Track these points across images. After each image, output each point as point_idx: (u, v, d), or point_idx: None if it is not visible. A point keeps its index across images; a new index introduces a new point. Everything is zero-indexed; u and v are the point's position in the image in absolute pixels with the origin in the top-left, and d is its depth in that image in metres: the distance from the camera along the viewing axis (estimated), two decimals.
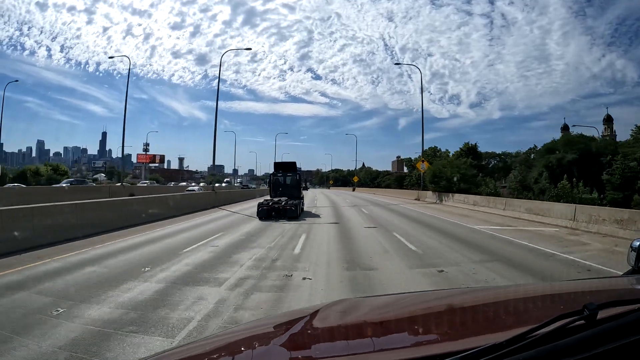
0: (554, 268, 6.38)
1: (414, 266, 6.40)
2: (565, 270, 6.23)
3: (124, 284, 5.14)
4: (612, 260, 6.87)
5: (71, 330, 3.55)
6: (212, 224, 12.77)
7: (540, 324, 0.69)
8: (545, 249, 8.12)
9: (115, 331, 3.55)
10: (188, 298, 4.59)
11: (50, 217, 8.76)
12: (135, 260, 6.70)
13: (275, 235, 9.91)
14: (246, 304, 4.43)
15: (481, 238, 9.75)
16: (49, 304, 4.25)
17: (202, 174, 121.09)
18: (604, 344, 0.66)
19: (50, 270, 5.90)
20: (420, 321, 1.13)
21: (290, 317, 1.21)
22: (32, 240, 7.68)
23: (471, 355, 0.66)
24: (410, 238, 9.35)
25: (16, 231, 7.50)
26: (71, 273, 5.76)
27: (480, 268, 6.20)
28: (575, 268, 6.36)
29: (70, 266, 6.20)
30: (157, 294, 4.73)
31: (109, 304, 4.32)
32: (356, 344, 0.98)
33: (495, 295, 1.42)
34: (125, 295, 4.64)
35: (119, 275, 5.64)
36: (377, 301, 1.50)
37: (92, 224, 9.75)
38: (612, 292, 1.27)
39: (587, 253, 7.66)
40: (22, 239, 7.50)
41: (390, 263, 6.65)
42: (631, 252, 1.50)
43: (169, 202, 16.70)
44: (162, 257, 6.99)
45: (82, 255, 7.09)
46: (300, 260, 6.82)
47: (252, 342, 1.04)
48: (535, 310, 1.21)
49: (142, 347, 3.24)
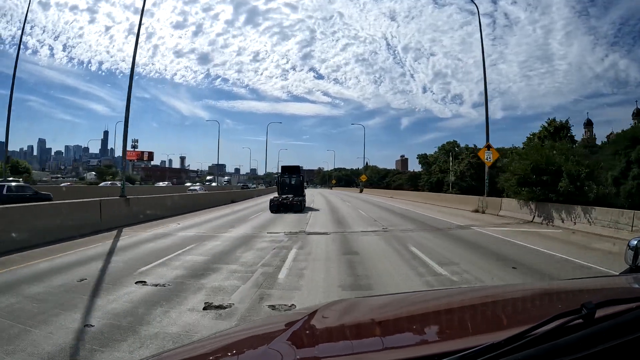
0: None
1: None
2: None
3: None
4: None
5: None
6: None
7: (539, 323, 0.69)
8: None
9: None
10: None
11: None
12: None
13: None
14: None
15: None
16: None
17: (199, 173, 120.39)
18: (602, 343, 0.66)
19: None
20: (419, 321, 1.13)
21: (289, 318, 1.21)
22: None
23: (469, 354, 0.66)
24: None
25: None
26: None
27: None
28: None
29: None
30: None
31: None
32: (355, 344, 0.98)
33: (493, 294, 1.42)
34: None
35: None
36: (375, 301, 1.51)
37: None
38: (609, 291, 1.28)
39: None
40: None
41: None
42: (629, 251, 1.51)
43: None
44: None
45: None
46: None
47: (251, 343, 1.05)
48: (533, 309, 1.21)
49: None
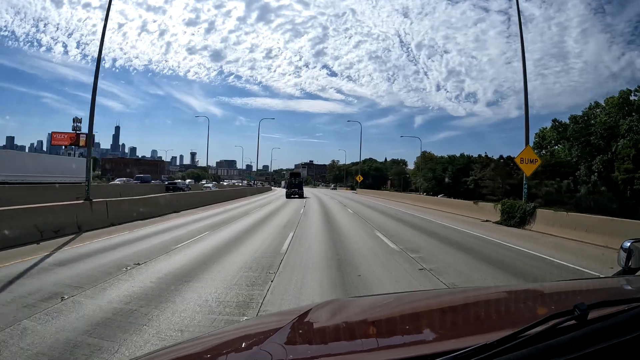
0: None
1: None
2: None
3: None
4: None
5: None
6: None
7: (532, 324, 0.68)
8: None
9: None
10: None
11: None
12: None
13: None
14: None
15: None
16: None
17: (182, 168, 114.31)
18: (594, 344, 0.66)
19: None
20: (412, 321, 1.13)
21: (281, 317, 1.20)
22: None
23: (462, 355, 0.65)
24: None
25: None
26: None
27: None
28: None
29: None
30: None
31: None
32: (347, 344, 0.98)
33: (485, 295, 1.43)
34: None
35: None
36: (368, 301, 1.50)
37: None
38: (602, 293, 1.28)
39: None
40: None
41: None
42: (621, 252, 1.51)
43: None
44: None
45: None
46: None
47: (243, 342, 1.04)
48: (526, 310, 1.21)
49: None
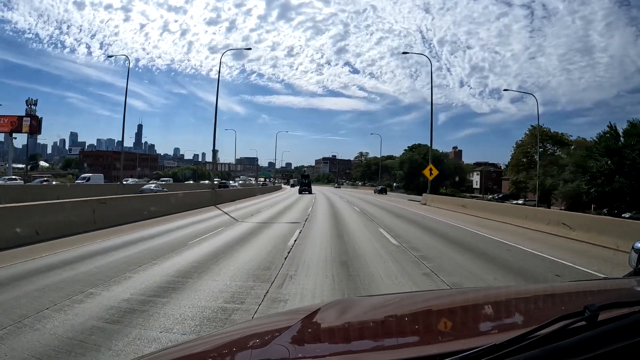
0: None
1: None
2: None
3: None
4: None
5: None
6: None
7: (541, 325, 0.68)
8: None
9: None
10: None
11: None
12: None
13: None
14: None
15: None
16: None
17: (171, 165, 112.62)
18: (604, 346, 0.66)
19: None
20: (420, 321, 1.13)
21: (290, 316, 1.21)
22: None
23: (471, 355, 0.65)
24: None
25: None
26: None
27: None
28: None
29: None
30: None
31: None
32: (356, 344, 0.98)
33: (495, 295, 1.42)
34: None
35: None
36: (377, 300, 1.50)
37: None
38: (613, 294, 1.27)
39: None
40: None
41: None
42: (633, 253, 1.49)
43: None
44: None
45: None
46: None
47: (251, 341, 1.04)
48: (536, 311, 1.21)
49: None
